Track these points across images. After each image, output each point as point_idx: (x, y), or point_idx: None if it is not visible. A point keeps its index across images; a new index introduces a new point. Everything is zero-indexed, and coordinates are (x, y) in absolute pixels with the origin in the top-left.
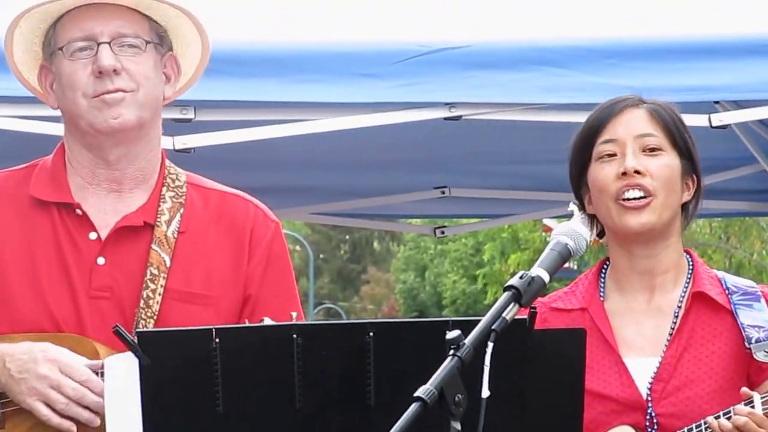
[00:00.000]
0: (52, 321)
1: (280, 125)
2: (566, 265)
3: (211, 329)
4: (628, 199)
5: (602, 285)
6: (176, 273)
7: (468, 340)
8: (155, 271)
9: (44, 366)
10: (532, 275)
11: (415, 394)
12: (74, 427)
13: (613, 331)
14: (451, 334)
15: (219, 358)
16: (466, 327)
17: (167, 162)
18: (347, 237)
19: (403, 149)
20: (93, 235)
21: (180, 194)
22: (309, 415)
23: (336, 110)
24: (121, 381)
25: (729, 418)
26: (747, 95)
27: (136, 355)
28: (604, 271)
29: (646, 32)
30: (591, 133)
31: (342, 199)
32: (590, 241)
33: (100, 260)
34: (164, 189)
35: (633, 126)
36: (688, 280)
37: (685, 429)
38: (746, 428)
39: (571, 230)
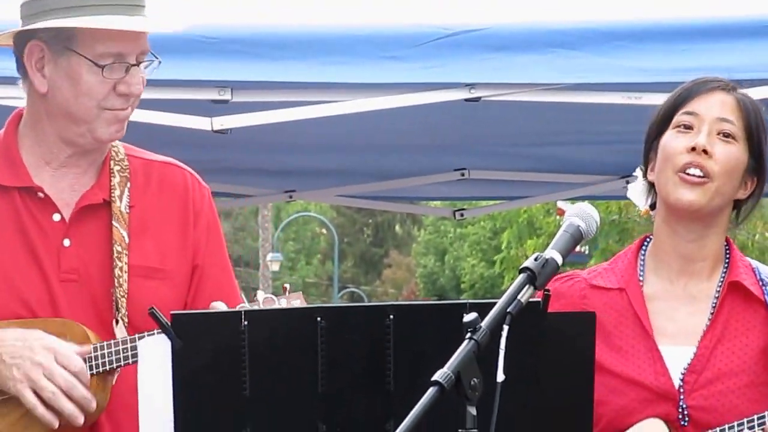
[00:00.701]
0: (26, 306)
1: (311, 106)
2: (578, 249)
3: (241, 312)
4: (688, 174)
5: (641, 265)
6: (134, 249)
7: (484, 323)
8: (119, 248)
9: (41, 353)
10: (546, 257)
11: (433, 379)
12: (56, 422)
13: (649, 316)
14: (468, 317)
15: (247, 341)
16: (483, 310)
17: None
18: (370, 221)
19: (425, 131)
20: (57, 217)
21: (124, 167)
22: (331, 399)
23: (361, 91)
24: (154, 363)
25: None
26: (753, 75)
27: (169, 337)
28: (644, 249)
29: (657, 15)
30: (677, 102)
31: (365, 181)
32: (642, 210)
33: (66, 242)
34: (112, 163)
35: (717, 108)
36: (725, 270)
37: (731, 426)
38: None
39: (583, 212)
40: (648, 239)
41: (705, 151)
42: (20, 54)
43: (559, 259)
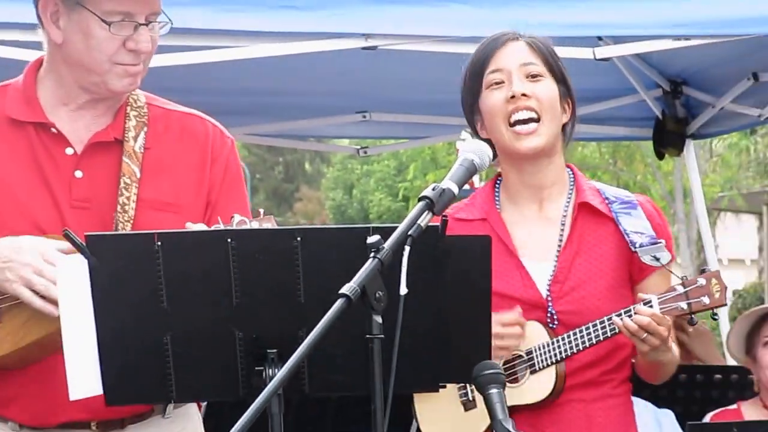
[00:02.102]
0: (38, 229)
1: (208, 51)
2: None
3: (153, 233)
4: (519, 122)
5: (497, 198)
6: (146, 184)
7: (387, 244)
8: (128, 181)
9: (27, 254)
10: (443, 187)
11: (341, 291)
12: (55, 311)
13: (513, 238)
14: (372, 239)
15: (162, 260)
16: (385, 233)
17: None
18: (280, 159)
19: (327, 76)
20: (69, 151)
21: (142, 114)
22: (246, 308)
23: (261, 38)
24: (72, 281)
25: (630, 317)
26: (627, 31)
27: (85, 256)
28: (498, 185)
29: None
30: (480, 65)
31: (271, 121)
32: (493, 162)
33: (78, 173)
34: (128, 109)
35: (516, 56)
36: (570, 191)
37: (589, 325)
38: (649, 327)
39: (477, 148)
40: (500, 178)
41: (524, 95)
42: (36, 5)
43: (455, 189)
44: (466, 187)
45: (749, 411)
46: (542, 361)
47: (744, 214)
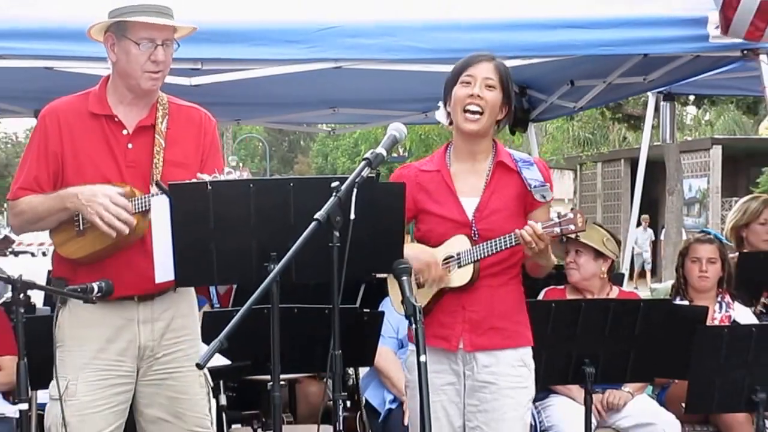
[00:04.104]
0: (106, 181)
1: (243, 71)
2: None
3: (206, 182)
4: (469, 111)
5: (448, 157)
6: (168, 151)
7: (343, 187)
8: (158, 149)
9: (100, 196)
10: (377, 152)
11: (314, 217)
12: (113, 233)
13: (453, 183)
14: (334, 184)
15: (211, 198)
16: (343, 181)
17: None
18: (286, 138)
19: (311, 85)
20: (125, 132)
21: (165, 108)
22: (258, 228)
23: (273, 63)
24: (160, 210)
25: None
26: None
27: (167, 196)
28: (449, 149)
29: (464, 15)
30: (461, 68)
31: (280, 113)
32: (446, 126)
33: (129, 145)
34: (158, 105)
35: (483, 71)
36: (493, 155)
37: (498, 238)
38: (536, 240)
39: (398, 128)
40: (450, 144)
41: (479, 96)
42: (105, 44)
43: (384, 153)
44: (396, 154)
45: (571, 292)
46: (466, 260)
47: (565, 170)
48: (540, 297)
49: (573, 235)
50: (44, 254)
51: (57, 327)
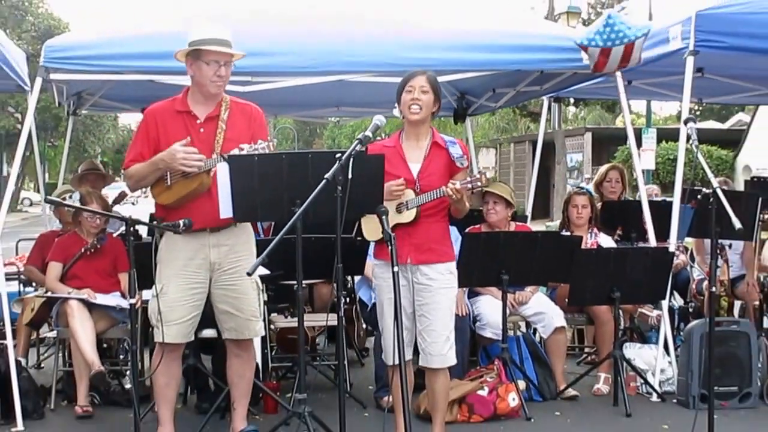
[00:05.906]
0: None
1: (279, 82)
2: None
3: (255, 154)
4: (412, 108)
5: (401, 138)
6: (227, 132)
7: (344, 157)
8: (219, 131)
9: (180, 152)
10: (366, 134)
11: (324, 176)
12: (195, 170)
13: (405, 154)
14: (338, 155)
15: (257, 166)
16: (344, 153)
17: None
18: (308, 128)
19: (322, 91)
20: (198, 121)
21: (227, 104)
22: (290, 187)
23: (299, 75)
24: (224, 174)
25: (449, 188)
26: (446, 68)
27: (229, 163)
28: (401, 133)
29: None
30: (405, 82)
31: (303, 110)
32: (402, 119)
33: (201, 130)
34: (222, 102)
35: (420, 81)
36: (430, 138)
37: (433, 190)
38: (455, 190)
39: (379, 118)
40: (402, 130)
41: (417, 99)
42: (185, 62)
43: (371, 135)
44: (380, 137)
45: (486, 228)
46: (412, 205)
47: (489, 148)
48: (466, 231)
49: (480, 189)
50: (133, 204)
51: (156, 250)
